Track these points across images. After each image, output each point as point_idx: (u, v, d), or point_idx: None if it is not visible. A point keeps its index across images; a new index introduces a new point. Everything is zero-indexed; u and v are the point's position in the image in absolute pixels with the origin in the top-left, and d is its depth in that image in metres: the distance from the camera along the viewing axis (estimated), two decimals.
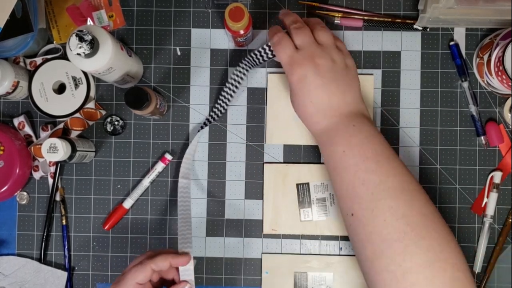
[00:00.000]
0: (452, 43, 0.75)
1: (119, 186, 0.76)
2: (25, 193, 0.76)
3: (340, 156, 0.62)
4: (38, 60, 0.75)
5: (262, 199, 0.76)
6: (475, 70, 0.75)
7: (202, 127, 0.75)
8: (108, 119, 0.76)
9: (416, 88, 0.76)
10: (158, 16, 0.77)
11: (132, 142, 0.76)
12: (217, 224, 0.76)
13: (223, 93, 0.74)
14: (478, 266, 0.74)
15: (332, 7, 0.76)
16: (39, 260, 0.75)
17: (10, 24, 0.68)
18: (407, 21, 0.75)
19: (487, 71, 0.71)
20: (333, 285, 0.74)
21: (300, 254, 0.75)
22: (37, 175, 0.76)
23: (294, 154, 0.76)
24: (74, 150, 0.69)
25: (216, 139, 0.76)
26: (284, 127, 0.76)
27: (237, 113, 0.76)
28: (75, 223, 0.76)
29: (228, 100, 0.74)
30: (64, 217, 0.76)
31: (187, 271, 0.63)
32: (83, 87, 0.74)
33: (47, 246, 0.76)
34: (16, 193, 0.75)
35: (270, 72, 0.76)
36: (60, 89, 0.75)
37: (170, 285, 0.64)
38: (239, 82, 0.73)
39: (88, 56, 0.61)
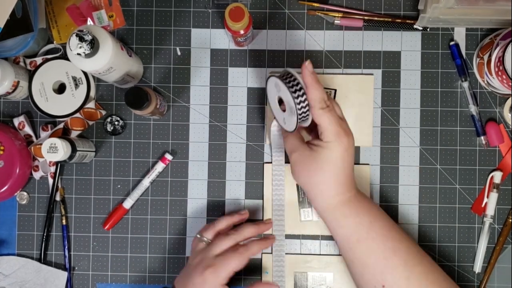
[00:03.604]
0: (452, 43, 0.75)
1: (119, 186, 0.76)
2: (25, 193, 0.76)
3: (368, 227, 0.63)
4: (38, 60, 0.75)
5: (262, 199, 0.76)
6: (475, 70, 0.75)
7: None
8: (108, 119, 0.76)
9: (416, 88, 0.76)
10: (158, 16, 0.77)
11: (132, 142, 0.76)
12: None
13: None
14: (478, 266, 0.74)
15: (332, 7, 0.76)
16: (39, 260, 0.75)
17: (10, 24, 0.68)
18: (407, 21, 0.75)
19: (487, 71, 0.71)
20: (333, 285, 0.74)
21: (301, 254, 0.75)
22: (37, 175, 0.76)
23: None
24: (74, 150, 0.69)
25: (216, 139, 0.76)
26: None
27: (237, 113, 0.76)
28: (75, 223, 0.76)
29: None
30: (64, 217, 0.76)
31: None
32: (83, 87, 0.74)
33: (47, 246, 0.76)
34: (16, 193, 0.75)
35: (271, 72, 0.76)
36: (60, 89, 0.75)
37: None
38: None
39: (88, 56, 0.61)
